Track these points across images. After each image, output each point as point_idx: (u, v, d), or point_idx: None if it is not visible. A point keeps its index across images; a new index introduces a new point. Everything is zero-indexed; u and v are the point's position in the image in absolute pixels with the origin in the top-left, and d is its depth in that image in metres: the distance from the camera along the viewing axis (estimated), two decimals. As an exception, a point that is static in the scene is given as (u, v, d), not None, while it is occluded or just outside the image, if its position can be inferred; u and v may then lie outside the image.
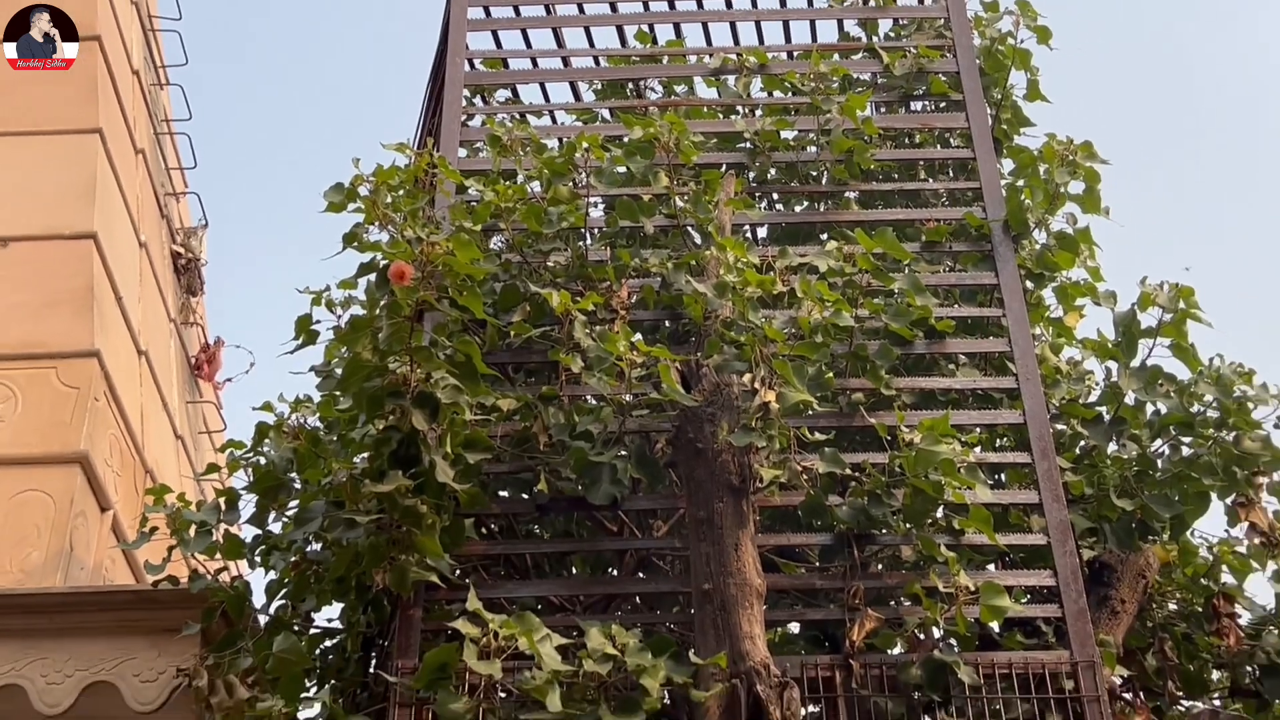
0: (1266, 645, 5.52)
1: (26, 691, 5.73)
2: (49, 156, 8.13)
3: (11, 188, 8.03)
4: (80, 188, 8.04)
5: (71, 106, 8.29)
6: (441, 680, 4.26)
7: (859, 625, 4.79)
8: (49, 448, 7.06)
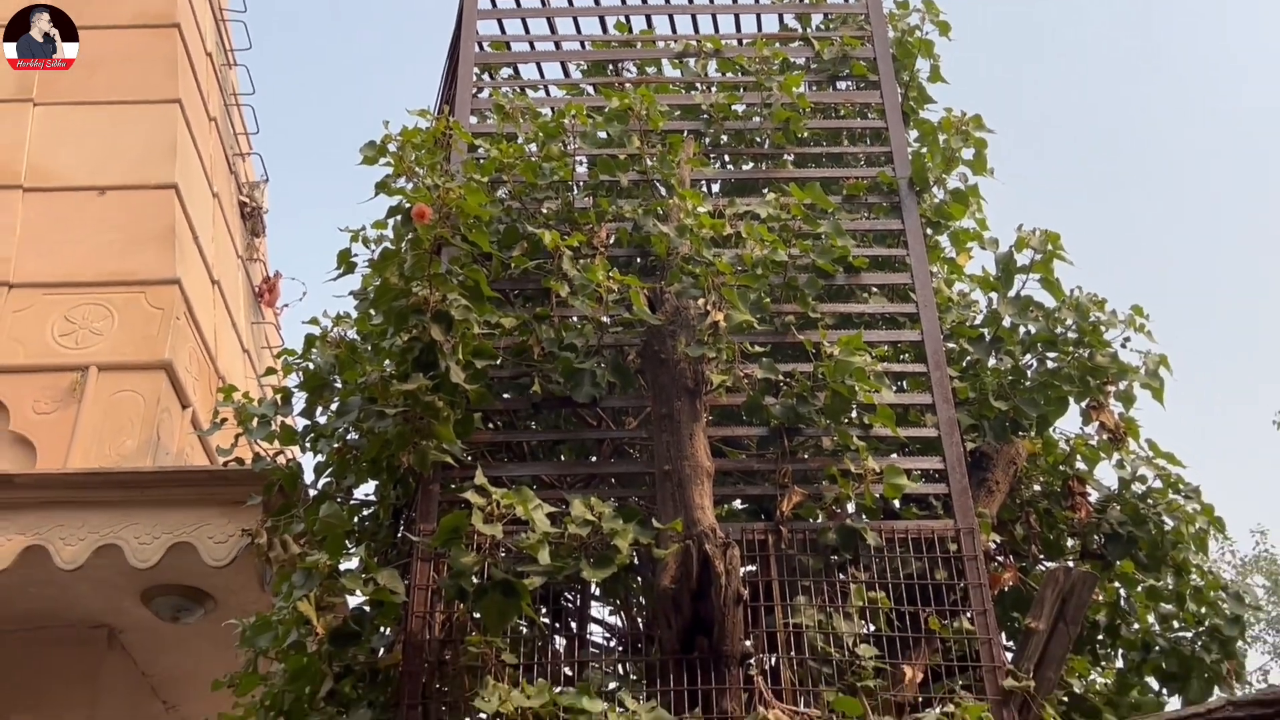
0: (1110, 518, 5.58)
1: (123, 550, 5.76)
2: (138, 122, 8.07)
3: (108, 147, 7.97)
4: (163, 147, 7.98)
5: (156, 81, 8.22)
6: (454, 540, 4.29)
7: (787, 499, 4.83)
8: (140, 357, 7.05)
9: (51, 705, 6.21)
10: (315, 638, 4.44)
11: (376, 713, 4.43)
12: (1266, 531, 47.33)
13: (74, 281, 7.38)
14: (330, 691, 4.52)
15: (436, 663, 4.44)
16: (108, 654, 6.37)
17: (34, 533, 5.81)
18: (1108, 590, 5.59)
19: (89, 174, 7.85)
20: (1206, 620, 5.66)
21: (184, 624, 6.14)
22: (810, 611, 4.57)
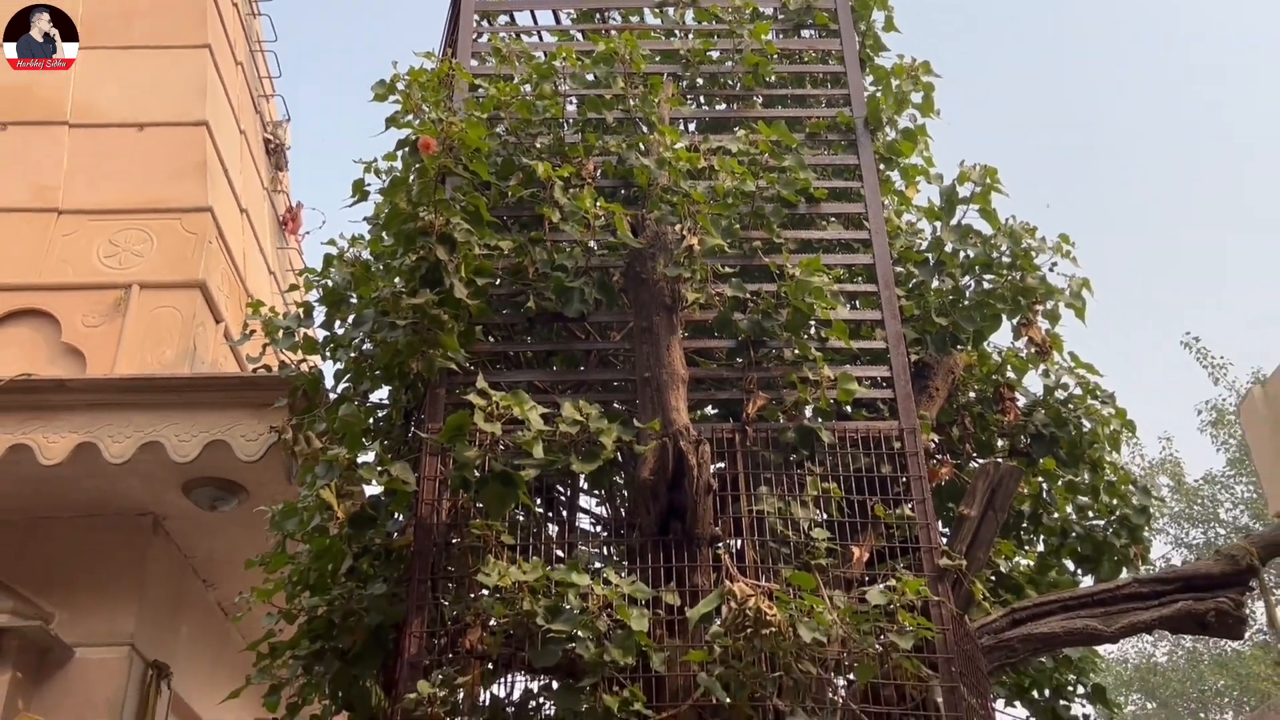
0: (1035, 421, 5.62)
1: (164, 446, 5.75)
2: (172, 65, 7.94)
3: (144, 88, 7.85)
4: (195, 88, 7.86)
5: (188, 29, 8.09)
6: (459, 436, 4.28)
7: (753, 403, 4.84)
8: (177, 276, 7.00)
9: (107, 583, 6.24)
10: (336, 522, 4.46)
11: (390, 587, 4.46)
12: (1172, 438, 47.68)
13: (116, 209, 7.30)
14: (349, 569, 4.55)
15: (443, 544, 4.47)
16: (153, 539, 6.38)
17: (85, 431, 5.80)
18: (1031, 484, 5.65)
19: (128, 112, 7.73)
20: (1117, 510, 5.74)
21: (220, 512, 6.16)
22: (771, 500, 4.60)
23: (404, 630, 4.27)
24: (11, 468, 5.79)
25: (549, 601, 4.06)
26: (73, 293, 6.92)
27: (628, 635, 4.00)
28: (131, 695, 6.05)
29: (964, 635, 4.58)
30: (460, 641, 4.31)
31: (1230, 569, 5.06)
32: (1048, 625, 4.89)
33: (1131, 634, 5.01)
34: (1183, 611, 4.97)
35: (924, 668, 4.22)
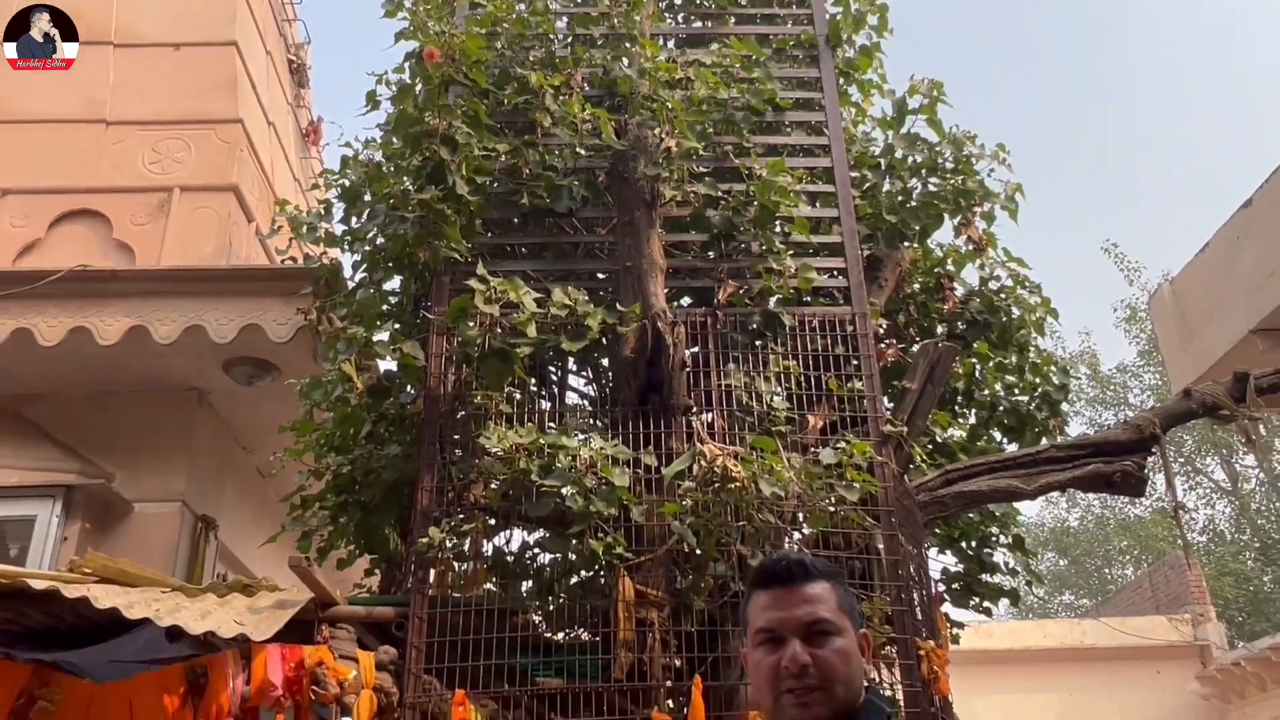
0: (971, 308, 5.58)
1: (206, 329, 5.69)
2: (203, -11, 7.63)
3: (179, 11, 7.60)
4: (225, 13, 7.60)
5: (218, -44, 7.74)
6: (462, 317, 4.24)
7: (723, 290, 4.78)
8: (213, 180, 6.85)
9: (160, 448, 6.22)
10: (356, 392, 4.43)
11: (404, 449, 4.45)
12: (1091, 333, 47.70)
13: (158, 120, 7.10)
14: (369, 433, 4.53)
15: (450, 412, 4.45)
16: (198, 410, 6.35)
17: (137, 316, 5.72)
18: (966, 364, 5.63)
19: (165, 33, 7.47)
20: (1040, 388, 5.74)
21: (256, 387, 6.11)
22: (738, 376, 4.57)
23: (417, 486, 4.27)
24: (73, 348, 5.73)
25: (542, 461, 4.06)
26: (122, 195, 6.78)
27: (611, 490, 4.01)
28: (184, 544, 6.08)
29: (903, 492, 4.61)
30: (465, 496, 4.32)
31: (1135, 437, 5.08)
32: (976, 484, 4.92)
33: (1048, 492, 5.04)
34: (1093, 473, 5.00)
35: (868, 519, 4.25)
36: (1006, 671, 15.49)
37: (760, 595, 1.68)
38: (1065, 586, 27.82)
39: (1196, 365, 7.85)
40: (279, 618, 3.56)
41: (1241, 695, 14.69)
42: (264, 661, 3.61)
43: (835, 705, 1.58)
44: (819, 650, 1.60)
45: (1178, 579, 16.73)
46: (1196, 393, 5.09)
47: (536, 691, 4.05)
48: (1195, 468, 25.04)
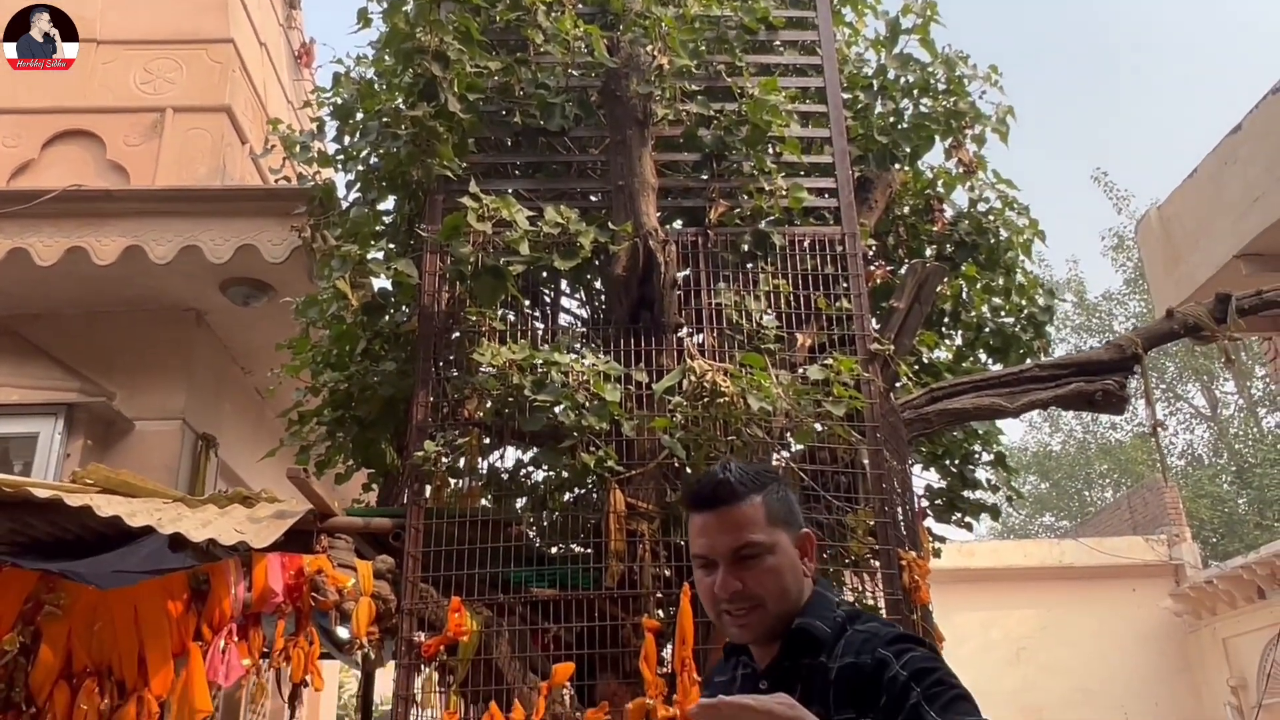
0: (959, 230, 5.55)
1: (202, 249, 5.64)
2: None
3: (166, -74, 7.35)
4: (215, -69, 7.37)
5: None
6: (455, 235, 4.20)
7: (715, 210, 4.74)
8: (206, 101, 6.74)
9: (159, 367, 6.21)
10: (351, 310, 4.41)
11: (399, 365, 4.45)
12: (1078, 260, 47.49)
13: (149, 39, 6.94)
14: (364, 350, 4.53)
15: (444, 329, 4.44)
16: (196, 330, 6.33)
17: (132, 236, 5.66)
18: (953, 285, 5.62)
19: (155, -49, 7.27)
20: (1025, 310, 5.74)
21: (252, 308, 6.08)
22: (728, 294, 4.56)
23: (412, 401, 4.28)
24: (70, 267, 5.68)
25: (535, 377, 4.07)
26: (114, 115, 6.66)
27: (602, 405, 4.03)
28: (185, 461, 6.12)
29: (889, 409, 4.63)
30: (460, 411, 4.34)
31: (1118, 356, 5.10)
32: (960, 402, 4.95)
33: (1031, 409, 5.08)
34: (1075, 391, 5.03)
35: (854, 434, 4.28)
36: (987, 589, 15.80)
37: (694, 517, 1.72)
38: (1046, 509, 28.22)
39: (1181, 290, 7.86)
40: (278, 527, 3.60)
41: (1213, 612, 15.02)
42: (265, 569, 3.67)
43: (771, 620, 1.64)
44: (748, 574, 1.64)
45: (1155, 501, 16.98)
46: (1179, 313, 5.09)
47: (530, 599, 4.12)
48: (1176, 394, 25.23)
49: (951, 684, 1.49)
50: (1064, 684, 15.48)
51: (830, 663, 1.60)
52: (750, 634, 1.70)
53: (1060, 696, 15.47)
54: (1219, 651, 14.95)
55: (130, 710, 3.36)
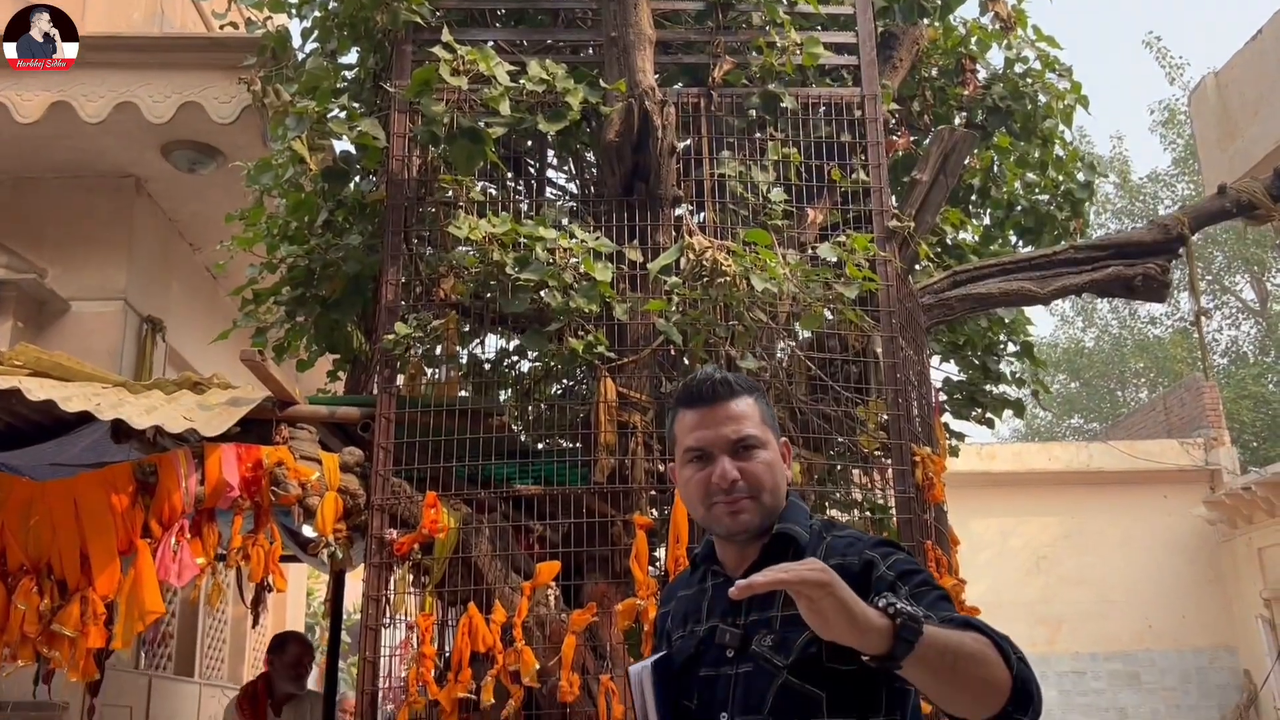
0: (993, 94, 5.46)
1: (139, 107, 5.53)
2: None
3: None
4: None
5: None
6: (426, 91, 4.10)
7: (719, 68, 4.64)
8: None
9: (96, 241, 6.16)
10: (309, 175, 4.35)
11: (366, 239, 4.41)
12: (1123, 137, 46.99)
13: None
14: (325, 221, 4.48)
15: (415, 199, 4.38)
16: (137, 199, 6.26)
17: (59, 90, 5.54)
18: (984, 157, 5.57)
19: None
20: (1062, 186, 5.69)
21: (199, 175, 6.00)
22: (733, 164, 4.50)
23: (380, 279, 4.25)
24: (-11, 126, 5.58)
25: (518, 254, 4.03)
26: (34, -49, 6.44)
27: (592, 285, 4.01)
28: (129, 347, 6.12)
29: (906, 293, 4.63)
30: (434, 291, 4.31)
31: (1161, 237, 5.09)
32: (985, 286, 4.96)
33: (1063, 295, 5.09)
34: (1112, 276, 5.03)
35: (867, 320, 4.28)
36: (1007, 494, 16.08)
37: (687, 414, 1.86)
38: (1075, 410, 28.55)
39: (1235, 166, 7.80)
40: (232, 414, 3.61)
41: (1249, 520, 15.34)
42: (219, 461, 3.70)
43: (763, 511, 1.79)
44: (746, 464, 1.79)
45: (1193, 402, 17.16)
46: (1232, 189, 5.06)
47: (513, 494, 4.17)
48: (1223, 286, 25.28)
49: (935, 585, 1.64)
50: (1085, 595, 15.91)
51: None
52: (744, 522, 1.79)
53: (1081, 608, 15.92)
54: (1254, 562, 15.33)
55: (73, 610, 3.43)
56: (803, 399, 4.36)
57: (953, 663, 1.41)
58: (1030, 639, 15.78)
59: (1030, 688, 1.45)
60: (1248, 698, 15.46)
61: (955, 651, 1.41)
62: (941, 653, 1.40)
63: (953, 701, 1.45)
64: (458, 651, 3.74)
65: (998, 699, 1.44)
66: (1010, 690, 1.43)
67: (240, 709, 4.81)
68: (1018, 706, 1.44)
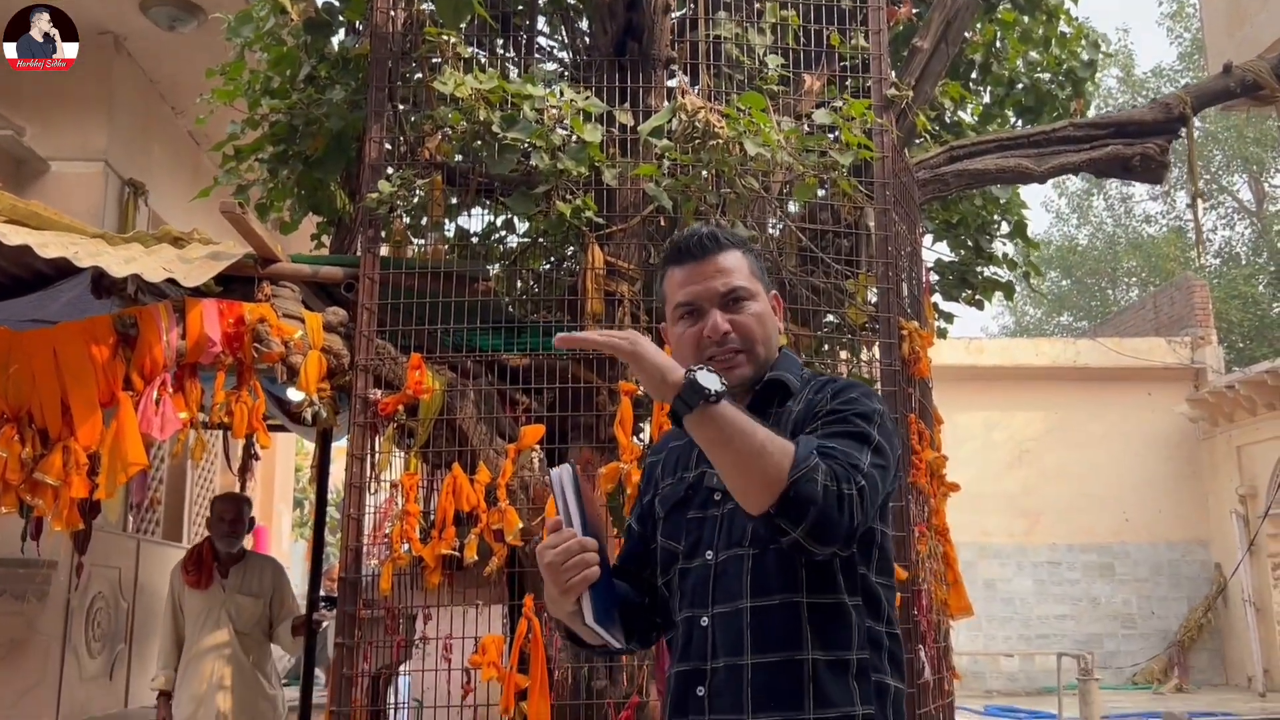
0: (1000, -37, 5.30)
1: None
2: None
3: None
4: None
5: None
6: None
7: (716, -75, 4.47)
8: None
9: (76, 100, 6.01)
10: (291, 27, 4.21)
11: (349, 94, 4.29)
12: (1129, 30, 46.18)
13: None
14: (308, 75, 4.36)
15: (400, 54, 4.25)
16: (116, 58, 6.08)
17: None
18: (987, 31, 5.43)
19: None
20: (1065, 64, 5.58)
21: (180, 33, 5.83)
22: (728, 26, 4.37)
23: (364, 136, 4.15)
24: (-42, -25, 5.38)
25: (505, 112, 3.93)
26: None
27: (581, 147, 3.92)
28: (110, 209, 6.02)
29: (902, 167, 4.55)
30: (419, 151, 4.22)
31: (1162, 116, 5.00)
32: (982, 162, 4.88)
33: (1060, 174, 5.02)
34: (1111, 155, 4.95)
35: (861, 191, 4.21)
36: (993, 388, 16.19)
37: (676, 271, 1.85)
38: (1065, 307, 28.59)
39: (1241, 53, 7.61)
40: (212, 267, 3.56)
41: (1230, 419, 15.51)
42: (200, 316, 3.66)
43: (756, 363, 1.80)
44: (737, 316, 1.80)
45: (1183, 300, 17.18)
46: (1237, 69, 4.95)
47: (496, 359, 4.15)
48: (1221, 185, 25.10)
49: (856, 423, 1.65)
50: (1065, 489, 16.15)
51: (794, 405, 1.78)
52: (738, 376, 1.79)
53: (1060, 501, 16.18)
54: (1232, 460, 15.55)
55: (55, 459, 3.41)
56: (793, 271, 4.31)
57: (728, 440, 1.51)
58: (1009, 530, 16.09)
59: (808, 507, 1.49)
60: (1216, 589, 15.85)
61: (738, 434, 1.51)
62: (722, 428, 1.51)
63: (726, 477, 1.57)
64: (442, 510, 3.76)
65: (760, 495, 1.51)
66: (779, 496, 1.49)
67: (185, 569, 4.81)
68: (783, 514, 1.50)
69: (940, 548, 4.49)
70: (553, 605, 1.72)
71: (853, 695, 1.63)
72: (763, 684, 1.62)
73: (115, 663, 5.86)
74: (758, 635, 1.64)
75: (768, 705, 1.61)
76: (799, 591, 1.64)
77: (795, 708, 1.61)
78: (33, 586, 5.20)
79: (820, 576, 1.65)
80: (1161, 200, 26.60)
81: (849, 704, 1.63)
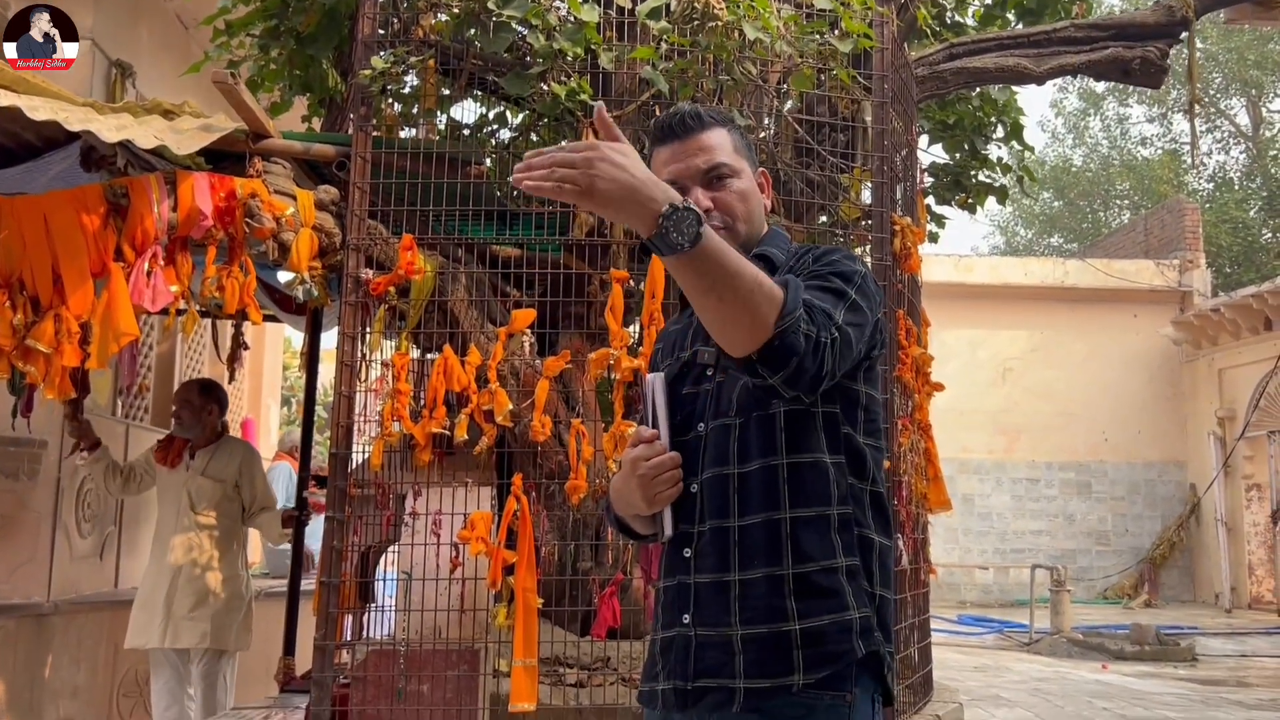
0: None
1: None
2: None
3: None
4: None
5: None
6: None
7: None
8: None
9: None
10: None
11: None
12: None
13: None
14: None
15: (394, -71, 4.16)
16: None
17: None
18: (992, -73, 5.34)
19: None
20: (1069, -36, 5.50)
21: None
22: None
23: (357, 13, 4.08)
24: None
25: (501, -9, 3.87)
26: None
27: (578, 27, 3.87)
28: (98, 90, 5.90)
29: (902, 63, 4.51)
30: (413, 30, 4.16)
31: (1165, 19, 4.95)
32: (981, 61, 4.85)
33: (1059, 75, 4.99)
34: (1111, 57, 4.92)
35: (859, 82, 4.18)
36: (981, 306, 16.27)
37: (661, 151, 1.83)
38: (1056, 228, 28.55)
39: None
40: (203, 138, 3.53)
41: (1213, 341, 15.64)
42: (191, 188, 3.63)
43: (739, 240, 1.77)
44: (719, 194, 1.78)
45: (1174, 223, 17.19)
46: (1245, -29, 4.90)
47: (487, 243, 4.14)
48: (1218, 109, 24.92)
49: (834, 281, 1.61)
50: (1046, 407, 16.34)
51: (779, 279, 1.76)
52: None
53: (1041, 419, 16.38)
54: (1213, 382, 15.73)
55: (47, 327, 3.41)
56: (788, 163, 4.30)
57: (711, 284, 1.43)
58: (989, 447, 16.30)
59: (790, 359, 1.46)
60: (1189, 508, 16.14)
61: (726, 273, 1.43)
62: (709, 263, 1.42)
63: (707, 321, 1.49)
64: (432, 389, 3.79)
65: (744, 342, 1.46)
66: (762, 344, 1.44)
67: (160, 447, 4.90)
68: (764, 362, 1.46)
69: (922, 443, 4.56)
70: (624, 505, 1.76)
71: (835, 549, 1.67)
72: (746, 544, 1.67)
73: (105, 544, 5.92)
74: (742, 499, 1.68)
75: (750, 564, 1.66)
76: (778, 455, 1.67)
77: (775, 563, 1.66)
78: (24, 465, 5.23)
79: (800, 437, 1.68)
80: (1158, 123, 26.44)
81: (830, 556, 1.66)
